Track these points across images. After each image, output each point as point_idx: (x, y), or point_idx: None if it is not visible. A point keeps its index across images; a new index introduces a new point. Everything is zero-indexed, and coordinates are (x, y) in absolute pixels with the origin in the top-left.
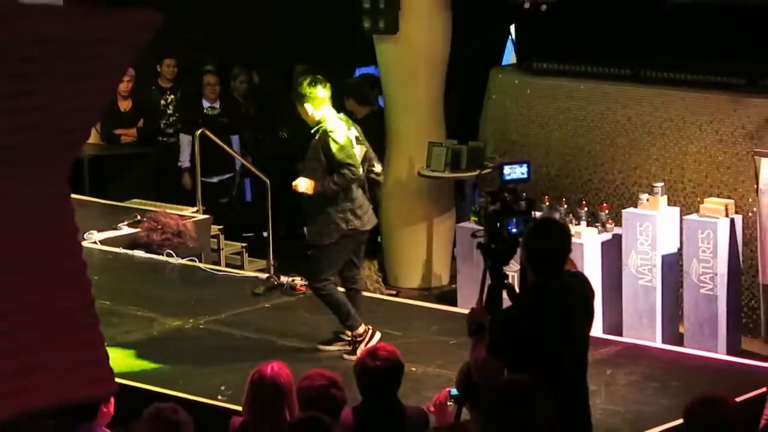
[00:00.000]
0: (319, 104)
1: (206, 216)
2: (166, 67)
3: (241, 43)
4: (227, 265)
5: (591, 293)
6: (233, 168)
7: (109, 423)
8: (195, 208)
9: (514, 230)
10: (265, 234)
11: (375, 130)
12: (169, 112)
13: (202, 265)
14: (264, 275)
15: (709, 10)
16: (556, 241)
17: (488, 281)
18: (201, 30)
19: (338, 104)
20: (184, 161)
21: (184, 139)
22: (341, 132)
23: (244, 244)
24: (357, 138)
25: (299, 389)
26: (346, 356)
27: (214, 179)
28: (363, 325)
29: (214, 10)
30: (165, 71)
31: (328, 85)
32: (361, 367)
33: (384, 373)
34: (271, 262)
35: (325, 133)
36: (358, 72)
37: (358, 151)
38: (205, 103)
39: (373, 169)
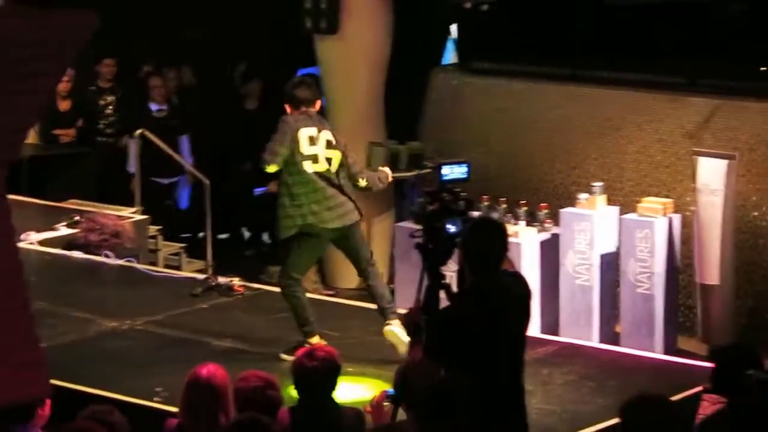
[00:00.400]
0: (296, 105)
1: (144, 216)
2: (104, 67)
3: (179, 42)
4: (165, 266)
5: (528, 293)
6: (184, 170)
7: (45, 424)
8: (133, 209)
9: (452, 230)
10: (201, 235)
11: None
12: (108, 112)
13: (139, 266)
14: (202, 276)
15: (649, 10)
16: (493, 241)
17: (426, 281)
18: (140, 30)
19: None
20: (133, 166)
21: (132, 144)
22: (291, 126)
23: (182, 245)
24: (327, 141)
25: (235, 390)
26: (283, 356)
27: (165, 181)
28: (317, 337)
29: (155, 10)
30: (104, 71)
31: (312, 87)
32: (298, 367)
33: (321, 374)
34: (209, 263)
35: None
36: (300, 73)
37: (314, 151)
38: (153, 106)
39: (357, 184)
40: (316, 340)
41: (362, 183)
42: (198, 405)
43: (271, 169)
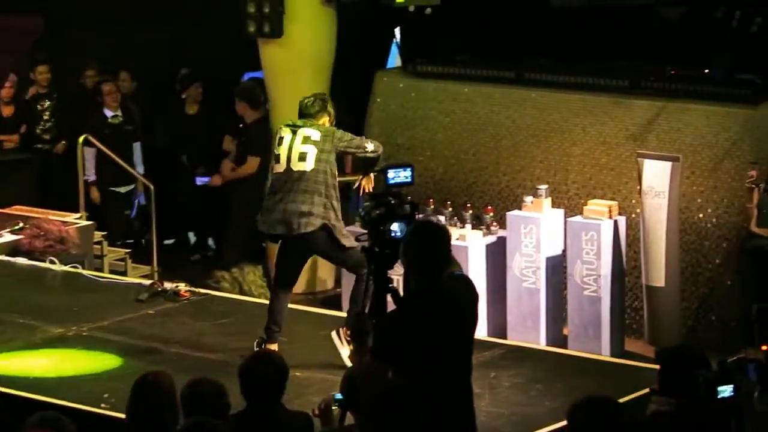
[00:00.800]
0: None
1: (89, 222)
2: (39, 74)
3: (122, 46)
4: (111, 272)
5: (475, 296)
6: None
7: None
8: (78, 215)
9: (398, 234)
10: (143, 241)
11: (265, 134)
12: (45, 117)
13: (85, 272)
14: (148, 282)
15: (592, 13)
16: (434, 244)
17: (372, 285)
18: (82, 35)
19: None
20: (89, 175)
21: (89, 152)
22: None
23: (127, 251)
24: (305, 137)
25: (183, 396)
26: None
27: (122, 189)
28: (276, 345)
29: (96, 15)
30: (39, 78)
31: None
32: (246, 371)
33: (268, 378)
34: (155, 269)
35: None
36: (246, 76)
37: (278, 151)
38: (108, 112)
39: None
40: (273, 347)
41: (370, 146)
42: (144, 411)
43: None
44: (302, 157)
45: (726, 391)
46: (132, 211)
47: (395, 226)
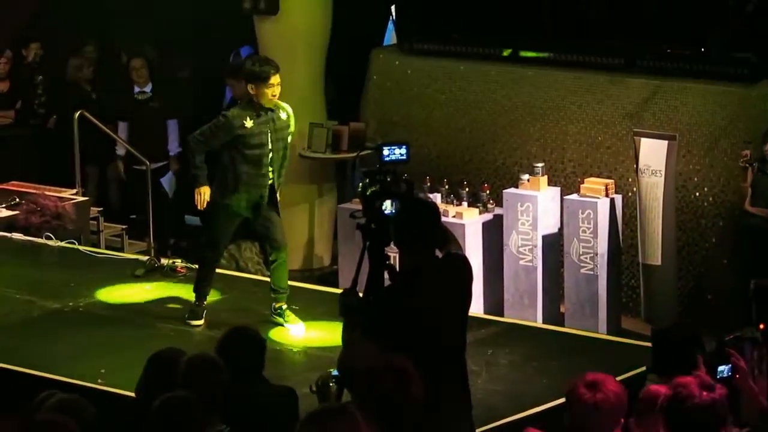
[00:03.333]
0: None
1: (85, 198)
2: (31, 51)
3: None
4: (107, 248)
5: (470, 274)
6: (168, 156)
7: None
8: (74, 190)
9: (392, 211)
10: (133, 216)
11: None
12: (39, 92)
13: (81, 248)
14: (144, 257)
15: None
16: (422, 220)
17: (367, 262)
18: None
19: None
20: (119, 149)
21: (121, 127)
22: None
23: (124, 226)
24: None
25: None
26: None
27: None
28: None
29: None
30: (30, 55)
31: None
32: (222, 348)
33: (245, 353)
34: (152, 244)
35: None
36: (245, 51)
37: None
38: (136, 89)
39: None
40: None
41: None
42: (157, 388)
43: None
44: None
45: (724, 370)
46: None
47: (388, 204)
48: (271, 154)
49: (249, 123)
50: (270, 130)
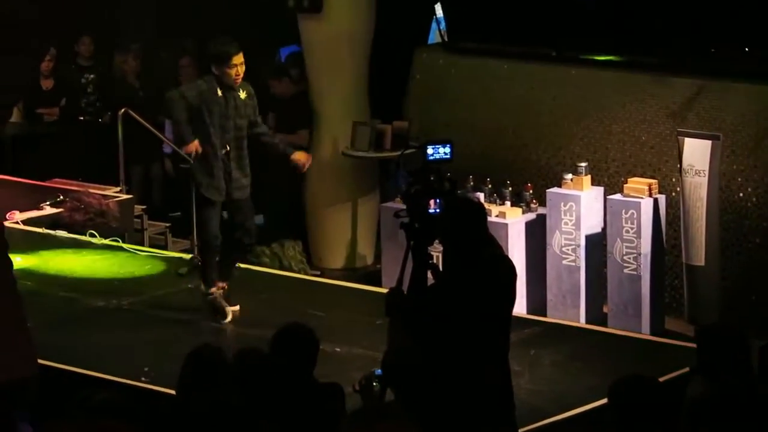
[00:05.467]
0: None
1: (129, 196)
2: (82, 46)
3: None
4: (151, 246)
5: (513, 274)
6: None
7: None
8: (118, 188)
9: (436, 210)
10: (177, 214)
11: (308, 107)
12: (89, 90)
13: (125, 245)
14: (188, 255)
15: None
16: (470, 219)
17: (411, 261)
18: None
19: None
20: (167, 147)
21: (167, 125)
22: None
23: (167, 224)
24: None
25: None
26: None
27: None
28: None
29: None
30: (82, 50)
31: None
32: (276, 344)
33: (298, 350)
34: (195, 243)
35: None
36: (284, 51)
37: None
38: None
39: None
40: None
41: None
42: (197, 385)
43: None
44: None
45: None
46: None
47: (432, 203)
48: (232, 132)
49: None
50: (231, 108)
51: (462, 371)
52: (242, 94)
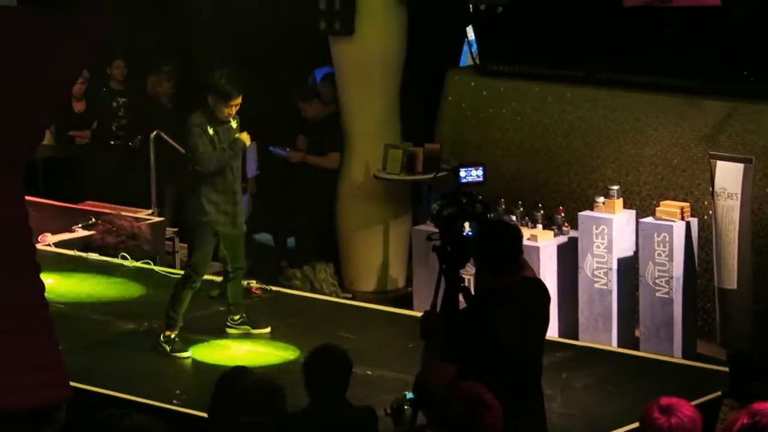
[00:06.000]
0: None
1: (161, 218)
2: (115, 69)
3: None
4: (182, 268)
5: (547, 298)
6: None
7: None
8: (150, 211)
9: (470, 233)
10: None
11: (340, 130)
12: (120, 114)
13: (156, 268)
14: (219, 278)
15: (664, 12)
16: (506, 243)
17: (443, 284)
18: (153, 30)
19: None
20: (251, 170)
21: (251, 148)
22: None
23: None
24: None
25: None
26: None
27: None
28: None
29: (163, 11)
30: (115, 73)
31: None
32: (309, 366)
33: (331, 372)
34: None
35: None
36: (318, 73)
37: None
38: None
39: None
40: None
41: None
42: (227, 408)
43: None
44: None
45: None
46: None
47: (467, 225)
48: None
49: (210, 131)
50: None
51: (494, 396)
52: (233, 123)
